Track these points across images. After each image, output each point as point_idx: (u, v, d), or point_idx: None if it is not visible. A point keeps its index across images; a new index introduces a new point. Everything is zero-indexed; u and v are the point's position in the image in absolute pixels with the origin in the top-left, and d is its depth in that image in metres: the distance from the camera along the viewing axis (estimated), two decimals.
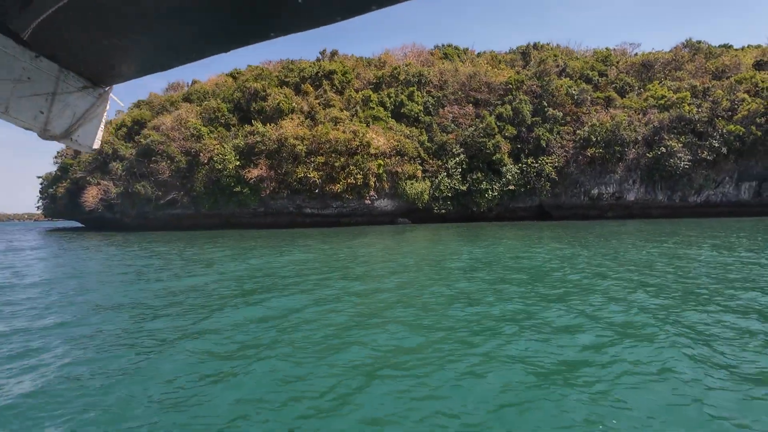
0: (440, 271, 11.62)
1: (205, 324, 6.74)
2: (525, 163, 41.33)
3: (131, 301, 8.72)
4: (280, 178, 36.70)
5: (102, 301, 8.89)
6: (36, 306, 8.43)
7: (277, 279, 11.02)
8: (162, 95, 53.23)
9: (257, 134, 37.28)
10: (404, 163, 39.38)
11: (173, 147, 37.40)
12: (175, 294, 9.40)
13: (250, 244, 22.43)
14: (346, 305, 7.90)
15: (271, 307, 7.91)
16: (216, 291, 9.58)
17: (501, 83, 45.31)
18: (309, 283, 10.15)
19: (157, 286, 10.49)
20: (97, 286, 10.85)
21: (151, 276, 12.17)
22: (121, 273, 12.98)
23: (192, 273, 12.63)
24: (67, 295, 9.54)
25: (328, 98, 42.79)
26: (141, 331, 6.44)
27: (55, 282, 11.56)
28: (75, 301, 9.07)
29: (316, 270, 12.34)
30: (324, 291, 9.21)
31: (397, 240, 22.97)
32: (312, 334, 6.04)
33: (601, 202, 41.42)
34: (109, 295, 9.60)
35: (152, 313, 7.64)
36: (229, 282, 10.73)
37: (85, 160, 45.82)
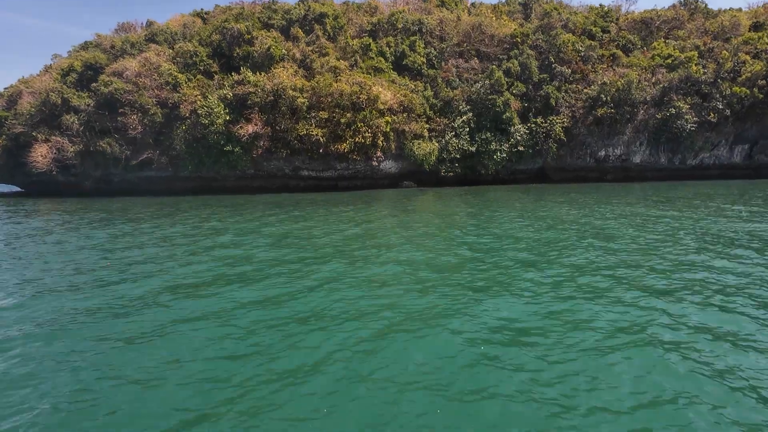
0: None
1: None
2: (534, 122, 39.33)
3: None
4: (278, 136, 32.25)
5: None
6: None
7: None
8: (114, 36, 45.24)
9: (248, 84, 32.20)
10: (411, 121, 36.03)
11: (146, 97, 31.50)
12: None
13: (265, 214, 18.83)
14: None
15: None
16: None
17: (506, 36, 42.28)
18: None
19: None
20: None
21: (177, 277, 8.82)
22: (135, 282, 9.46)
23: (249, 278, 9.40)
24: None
25: (321, 45, 37.84)
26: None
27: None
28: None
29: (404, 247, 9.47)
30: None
31: (435, 210, 20.23)
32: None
33: (606, 165, 40.68)
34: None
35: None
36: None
37: (26, 111, 38.20)
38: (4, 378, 4.74)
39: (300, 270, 9.21)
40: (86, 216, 19.72)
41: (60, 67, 40.97)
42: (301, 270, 9.21)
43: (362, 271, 9.02)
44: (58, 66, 43.26)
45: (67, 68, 39.25)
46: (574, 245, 11.07)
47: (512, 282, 8.00)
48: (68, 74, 38.59)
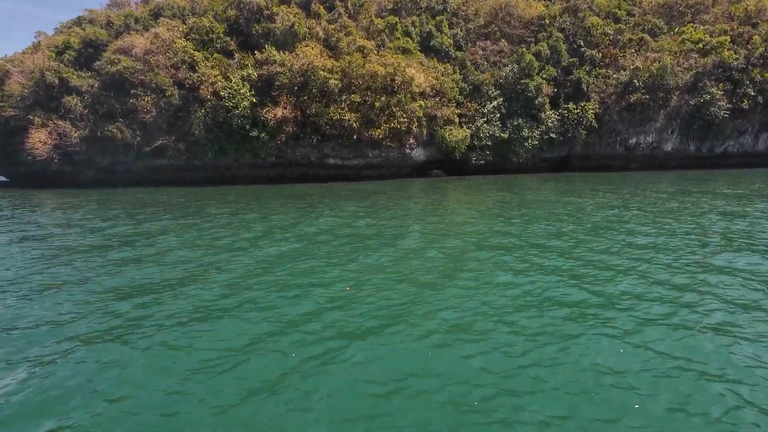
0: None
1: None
2: (566, 108, 37.83)
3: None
4: (307, 121, 29.82)
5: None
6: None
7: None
8: (110, 11, 41.45)
9: (273, 63, 29.56)
10: (442, 105, 34.03)
11: (162, 76, 28.52)
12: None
13: (357, 208, 16.65)
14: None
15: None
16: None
17: (533, 17, 40.46)
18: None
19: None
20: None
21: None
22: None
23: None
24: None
25: (344, 24, 35.27)
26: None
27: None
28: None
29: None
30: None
31: (539, 204, 18.48)
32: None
33: (636, 153, 39.64)
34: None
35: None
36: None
37: (17, 92, 34.51)
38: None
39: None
40: (205, 219, 14.87)
41: (53, 44, 37.19)
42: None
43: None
44: (49, 43, 39.39)
45: (62, 45, 35.59)
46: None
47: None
48: (64, 52, 34.99)
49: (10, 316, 6.31)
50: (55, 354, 5.08)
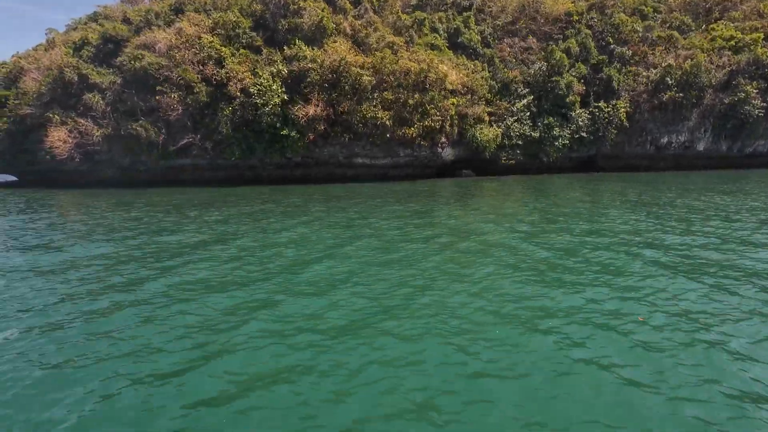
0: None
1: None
2: (596, 107, 36.88)
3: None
4: (338, 119, 28.78)
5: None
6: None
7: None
8: (125, 7, 40.38)
9: (303, 59, 28.52)
10: (473, 104, 33.03)
11: (191, 72, 27.44)
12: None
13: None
14: None
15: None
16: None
17: (561, 14, 39.53)
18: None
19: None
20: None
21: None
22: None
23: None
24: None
25: (370, 19, 34.27)
26: None
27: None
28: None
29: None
30: None
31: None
32: None
33: (667, 153, 38.70)
34: None
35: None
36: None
37: (34, 90, 33.42)
38: None
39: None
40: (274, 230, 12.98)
41: (69, 40, 36.12)
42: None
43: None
44: (64, 39, 38.34)
45: (80, 41, 34.52)
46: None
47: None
48: (82, 48, 33.92)
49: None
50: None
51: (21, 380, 4.46)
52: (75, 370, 4.65)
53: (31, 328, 5.80)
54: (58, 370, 4.67)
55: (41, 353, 5.07)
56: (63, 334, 5.58)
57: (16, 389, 4.29)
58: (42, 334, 5.59)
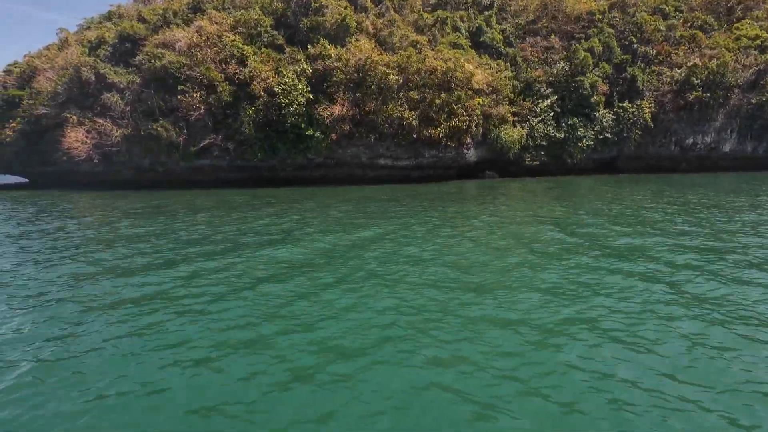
0: None
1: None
2: (620, 107, 36.19)
3: None
4: (364, 119, 28.09)
5: None
6: None
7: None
8: (140, 7, 39.76)
9: (328, 58, 27.86)
10: (497, 103, 32.35)
11: (214, 71, 26.77)
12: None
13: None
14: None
15: None
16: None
17: (583, 12, 38.88)
18: None
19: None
20: None
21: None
22: None
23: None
24: None
25: (392, 18, 33.63)
26: None
27: None
28: None
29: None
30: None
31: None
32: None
33: (692, 153, 37.98)
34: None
35: None
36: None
37: (49, 89, 32.79)
38: None
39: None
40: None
41: (85, 39, 35.50)
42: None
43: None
44: (79, 39, 37.73)
45: (96, 41, 33.90)
46: None
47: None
48: (98, 47, 33.29)
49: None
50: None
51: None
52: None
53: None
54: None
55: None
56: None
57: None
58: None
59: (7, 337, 5.53)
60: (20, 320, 6.06)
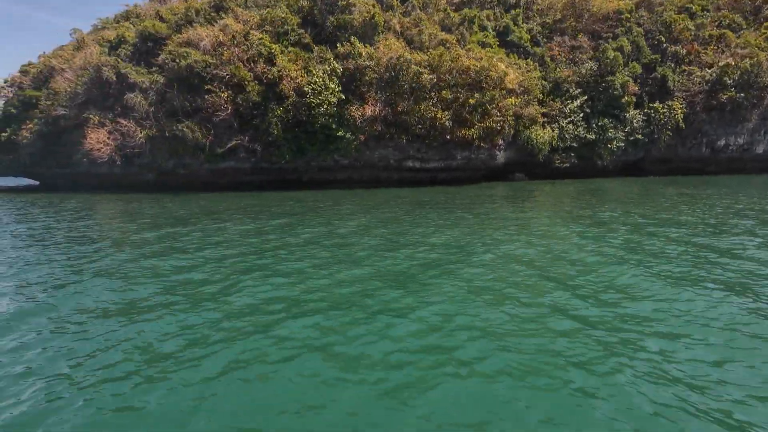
0: None
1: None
2: (651, 108, 35.33)
3: None
4: (396, 120, 27.25)
5: None
6: None
7: None
8: (157, 6, 39.02)
9: (359, 57, 27.04)
10: (528, 104, 31.52)
11: (243, 70, 25.94)
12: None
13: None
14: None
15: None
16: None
17: (611, 11, 38.08)
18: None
19: None
20: None
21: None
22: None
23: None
24: None
25: (418, 17, 32.83)
26: None
27: None
28: None
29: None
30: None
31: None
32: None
33: (723, 155, 37.09)
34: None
35: None
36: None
37: (68, 90, 32.01)
38: None
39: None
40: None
41: (105, 39, 34.74)
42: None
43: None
44: (97, 38, 36.98)
45: (116, 40, 33.12)
46: None
47: None
48: (118, 47, 32.51)
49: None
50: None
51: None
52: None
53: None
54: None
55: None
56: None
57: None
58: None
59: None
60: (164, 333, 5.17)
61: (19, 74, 38.72)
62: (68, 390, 4.19)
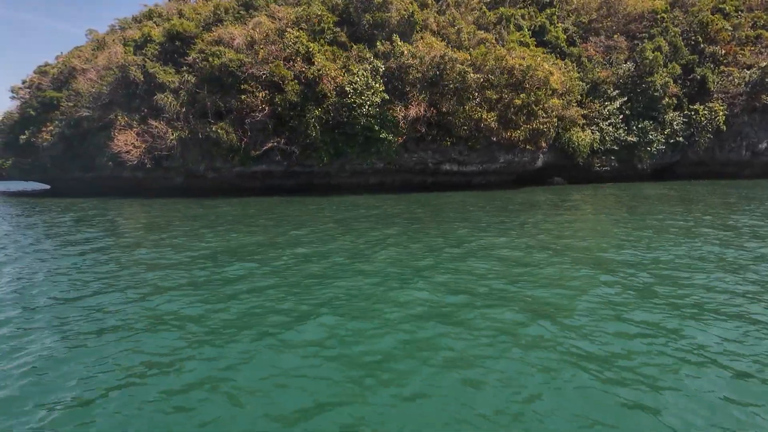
0: None
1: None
2: (692, 109, 34.29)
3: None
4: (441, 121, 26.14)
5: None
6: None
7: None
8: (178, 5, 37.98)
9: (401, 56, 25.96)
10: (569, 105, 30.46)
11: (283, 69, 24.80)
12: None
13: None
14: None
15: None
16: None
17: (646, 11, 37.12)
18: None
19: None
20: None
21: None
22: None
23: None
24: None
25: (453, 15, 31.82)
26: None
27: None
28: None
29: None
30: None
31: None
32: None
33: (765, 158, 36.06)
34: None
35: None
36: None
37: (92, 90, 30.86)
38: None
39: None
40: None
41: (129, 38, 33.63)
42: None
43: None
44: (118, 38, 35.89)
45: (141, 39, 32.01)
46: None
47: None
48: (144, 46, 31.39)
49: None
50: None
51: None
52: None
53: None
54: None
55: None
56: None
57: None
58: None
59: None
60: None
61: (37, 75, 37.60)
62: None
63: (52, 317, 6.20)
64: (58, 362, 4.77)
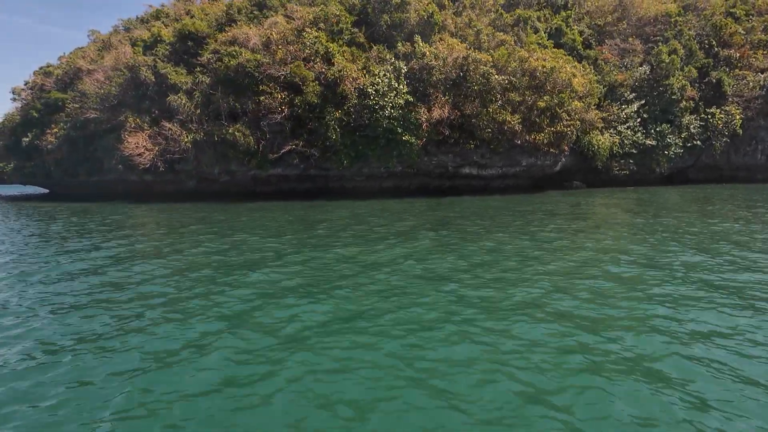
0: None
1: None
2: (709, 113, 34.06)
3: None
4: (467, 123, 25.53)
5: None
6: None
7: None
8: (187, 5, 37.21)
9: (423, 56, 25.36)
10: (589, 108, 30.04)
11: (304, 69, 24.07)
12: None
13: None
14: None
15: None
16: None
17: (660, 14, 36.97)
18: None
19: None
20: None
21: None
22: None
23: None
24: None
25: (470, 17, 31.36)
26: None
27: None
28: None
29: None
30: None
31: None
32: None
33: None
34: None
35: None
36: None
37: (100, 91, 29.91)
38: None
39: None
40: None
41: (137, 38, 32.75)
42: None
43: None
44: (126, 38, 34.99)
45: (151, 39, 31.16)
46: None
47: None
48: (154, 47, 30.54)
49: None
50: None
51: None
52: None
53: None
54: None
55: None
56: None
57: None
58: None
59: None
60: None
61: (39, 76, 36.55)
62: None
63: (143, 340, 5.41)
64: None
